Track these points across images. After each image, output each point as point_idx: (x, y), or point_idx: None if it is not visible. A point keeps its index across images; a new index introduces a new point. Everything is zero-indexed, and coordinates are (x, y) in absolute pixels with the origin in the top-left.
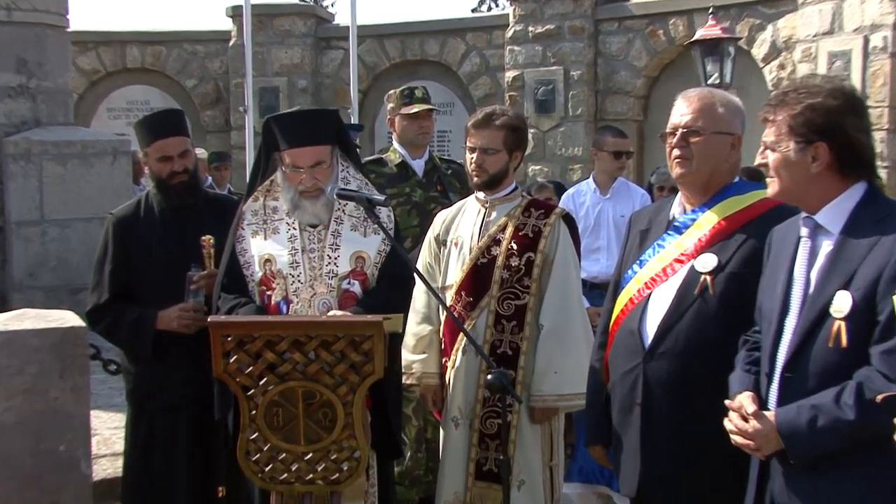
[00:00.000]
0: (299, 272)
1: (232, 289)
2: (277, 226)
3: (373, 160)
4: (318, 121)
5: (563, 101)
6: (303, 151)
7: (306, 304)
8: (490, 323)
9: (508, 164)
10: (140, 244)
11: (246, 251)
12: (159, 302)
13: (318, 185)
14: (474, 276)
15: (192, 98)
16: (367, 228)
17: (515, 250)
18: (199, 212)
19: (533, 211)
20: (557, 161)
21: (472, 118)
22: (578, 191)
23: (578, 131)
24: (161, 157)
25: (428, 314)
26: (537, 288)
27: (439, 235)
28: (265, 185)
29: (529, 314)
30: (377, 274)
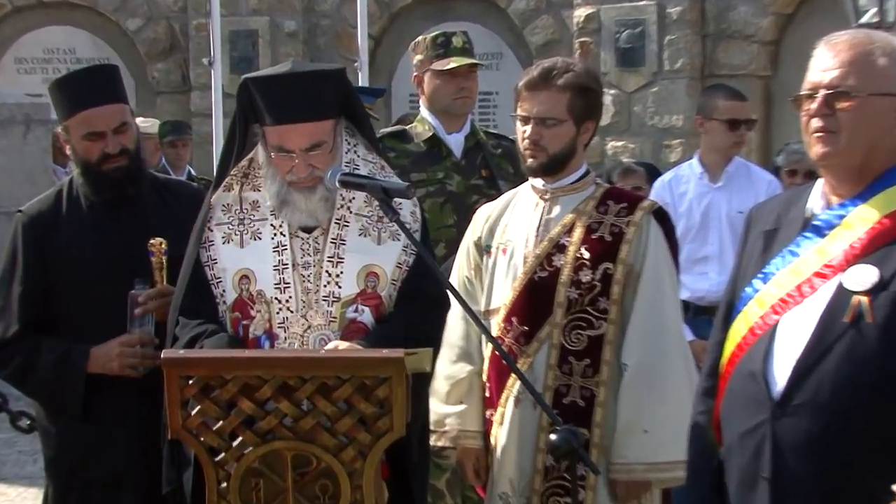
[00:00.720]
0: (288, 296)
1: (195, 311)
2: (259, 228)
3: (392, 133)
4: (317, 85)
5: (656, 51)
6: (294, 129)
7: (297, 340)
8: (553, 362)
9: (576, 140)
10: (62, 252)
11: (215, 262)
12: (91, 333)
13: (316, 174)
14: (530, 295)
15: (135, 46)
16: (383, 232)
17: (587, 260)
18: (144, 205)
19: (612, 205)
20: (648, 134)
21: (524, 76)
22: (678, 177)
23: (678, 93)
24: (88, 133)
25: (466, 349)
26: (619, 313)
27: (482, 239)
28: (241, 167)
29: (608, 349)
30: (396, 296)
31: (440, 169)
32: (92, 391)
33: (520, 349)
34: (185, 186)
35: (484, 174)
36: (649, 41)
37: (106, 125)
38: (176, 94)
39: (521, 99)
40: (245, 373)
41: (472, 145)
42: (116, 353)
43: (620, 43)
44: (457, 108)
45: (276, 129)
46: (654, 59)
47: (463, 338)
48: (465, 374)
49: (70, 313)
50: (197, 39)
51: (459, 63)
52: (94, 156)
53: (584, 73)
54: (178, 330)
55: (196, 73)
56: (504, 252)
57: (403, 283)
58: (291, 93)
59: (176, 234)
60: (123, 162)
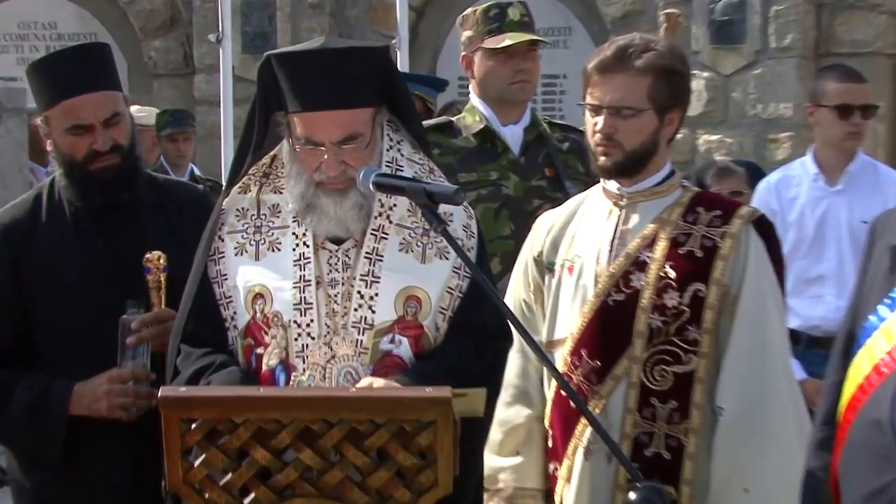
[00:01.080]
0: (309, 318)
1: (201, 339)
2: (277, 237)
3: (435, 126)
4: (355, 65)
5: (759, 24)
6: (325, 118)
7: (318, 372)
8: (632, 404)
9: (658, 134)
10: (40, 269)
11: (226, 277)
12: (75, 366)
13: (349, 174)
14: (603, 323)
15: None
16: (429, 248)
17: (673, 280)
18: (139, 212)
19: (702, 212)
20: (749, 126)
21: (595, 57)
22: (787, 178)
23: (786, 75)
24: (73, 125)
25: (524, 389)
26: (712, 344)
27: (543, 255)
28: (261, 166)
29: (699, 389)
30: (446, 328)
31: (494, 168)
32: (75, 437)
33: (590, 389)
34: (188, 189)
35: (547, 174)
36: (751, 12)
37: (94, 116)
38: (177, 78)
39: (591, 84)
40: (259, 415)
41: (533, 139)
42: (104, 390)
43: (716, 15)
44: (514, 95)
45: (302, 117)
46: (758, 35)
47: (520, 376)
48: (522, 419)
49: (49, 342)
50: (202, 11)
51: (516, 40)
52: (80, 153)
53: (668, 51)
54: (180, 361)
55: (201, 52)
56: (570, 270)
57: (456, 312)
58: (323, 73)
59: (177, 246)
60: (115, 160)
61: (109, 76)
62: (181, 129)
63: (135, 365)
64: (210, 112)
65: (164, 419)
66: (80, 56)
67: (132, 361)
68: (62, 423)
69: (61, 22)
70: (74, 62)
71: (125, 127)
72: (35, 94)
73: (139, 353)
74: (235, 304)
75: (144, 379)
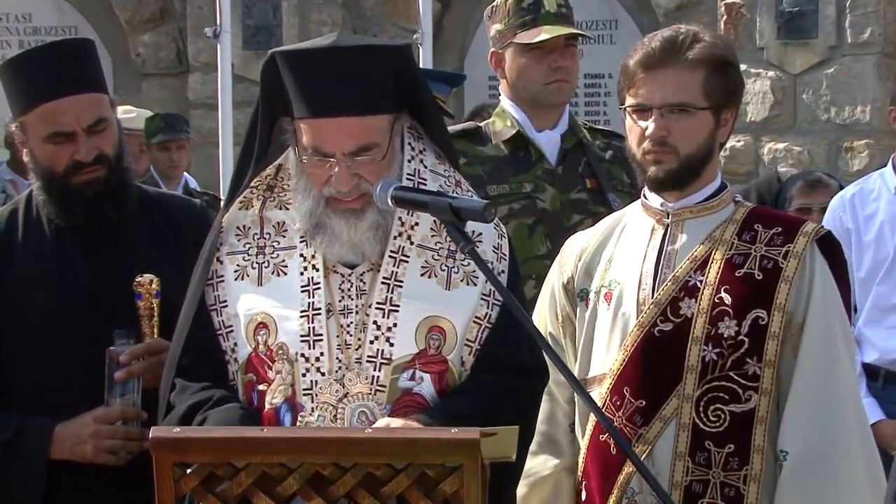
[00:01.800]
0: (319, 352)
1: (197, 373)
2: (283, 259)
3: (462, 132)
4: (371, 66)
5: (833, 16)
6: (336, 125)
7: (329, 412)
8: (683, 449)
9: (714, 136)
10: (15, 295)
11: (225, 304)
12: (56, 405)
13: (363, 188)
14: (649, 357)
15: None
16: (454, 273)
17: (729, 306)
18: (127, 230)
19: (760, 229)
20: (822, 133)
21: (636, 52)
22: (865, 192)
23: (865, 75)
24: (52, 133)
25: (552, 436)
26: (773, 379)
27: (574, 281)
28: (265, 177)
29: (759, 431)
30: (473, 362)
31: (528, 179)
32: (56, 484)
33: (634, 432)
34: (183, 204)
35: (588, 185)
36: (825, 3)
37: (77, 122)
38: (168, 78)
39: (634, 84)
40: (263, 459)
41: (572, 146)
42: (90, 431)
43: (784, 5)
44: (550, 97)
45: (310, 124)
46: (832, 29)
47: (547, 421)
48: (549, 470)
49: (27, 378)
50: (197, 2)
51: (553, 34)
52: (60, 164)
53: (721, 42)
54: (175, 397)
55: (196, 48)
56: (608, 298)
57: (484, 345)
58: (334, 75)
59: (171, 269)
60: (100, 172)
61: (93, 76)
62: (174, 136)
63: (124, 402)
64: (206, 116)
65: (156, 463)
66: (60, 53)
67: (121, 398)
68: (41, 468)
69: (36, 14)
70: (54, 60)
71: (111, 134)
72: (9, 96)
73: (129, 389)
74: (236, 334)
75: (135, 418)
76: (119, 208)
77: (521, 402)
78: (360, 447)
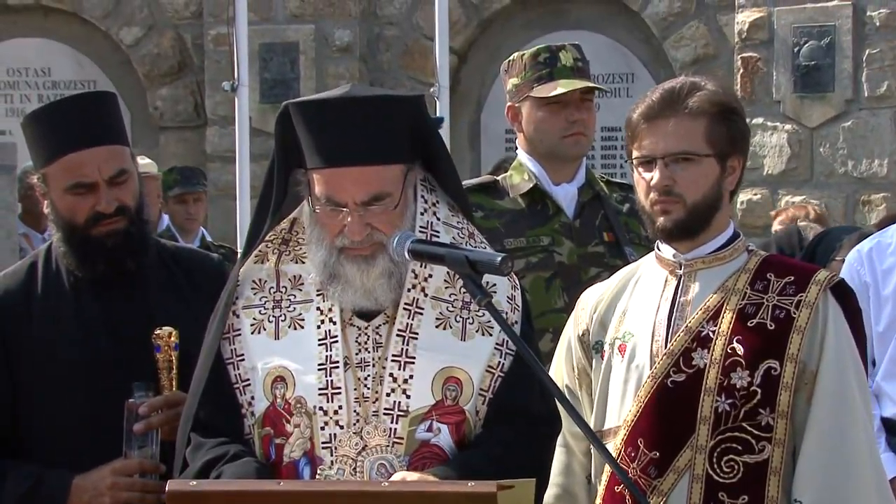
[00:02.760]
0: (337, 405)
1: (213, 427)
2: (300, 313)
3: (478, 186)
4: (384, 116)
5: (850, 70)
6: (349, 175)
7: (349, 465)
8: (697, 500)
9: (721, 184)
10: (34, 347)
11: (242, 358)
12: (74, 457)
13: (376, 238)
14: (662, 408)
15: (131, 64)
16: (469, 324)
17: (742, 357)
18: (146, 283)
19: (773, 279)
20: (839, 186)
21: (637, 106)
22: (882, 246)
23: (881, 128)
24: (74, 184)
25: (569, 488)
26: (787, 430)
27: (589, 334)
28: (279, 231)
29: (773, 482)
30: (487, 412)
31: (545, 233)
32: None
33: (649, 483)
34: (201, 258)
35: (606, 238)
36: (841, 56)
37: (98, 174)
38: (186, 131)
39: (637, 136)
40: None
41: (589, 200)
42: (108, 484)
43: (801, 59)
44: (567, 150)
45: (323, 174)
46: (848, 83)
47: (563, 473)
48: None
49: (44, 429)
50: (215, 56)
51: (570, 87)
52: (81, 215)
53: (721, 90)
54: (190, 452)
55: (213, 101)
56: (622, 350)
57: (496, 395)
58: (347, 124)
59: (190, 323)
60: (121, 224)
61: (115, 129)
62: (191, 189)
63: (142, 455)
64: (224, 169)
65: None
66: (82, 105)
67: (139, 451)
68: None
69: (56, 68)
70: (76, 112)
71: (132, 186)
72: (31, 148)
73: (147, 442)
74: (253, 387)
75: (153, 471)
76: (138, 260)
77: (535, 451)
78: (376, 501)
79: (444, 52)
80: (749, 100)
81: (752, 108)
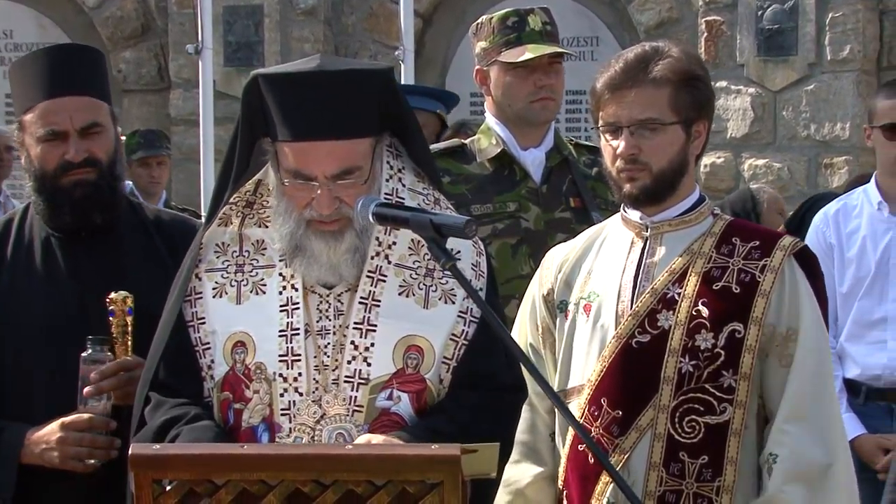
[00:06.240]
0: (297, 372)
1: (173, 389)
2: (262, 278)
3: (446, 150)
4: (355, 90)
5: (813, 34)
6: (319, 149)
7: (307, 433)
8: (657, 459)
9: (687, 150)
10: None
11: (203, 321)
12: (38, 411)
13: (343, 212)
14: (626, 368)
15: (94, 28)
16: (432, 291)
17: (706, 319)
18: (121, 243)
19: (738, 243)
20: (801, 149)
21: (600, 75)
22: (847, 208)
23: (844, 92)
24: (47, 132)
25: (533, 445)
26: (749, 392)
27: (554, 293)
28: (244, 193)
29: (734, 443)
30: (450, 380)
31: (513, 198)
32: (24, 490)
33: (611, 442)
34: (182, 222)
35: (573, 204)
36: (804, 20)
37: (70, 123)
38: (150, 94)
39: (602, 105)
40: (243, 476)
41: (557, 164)
42: (58, 438)
43: (764, 23)
44: (535, 115)
45: (293, 148)
46: (812, 46)
47: (528, 431)
48: (529, 479)
49: (15, 386)
50: (179, 19)
51: (538, 53)
52: (51, 164)
53: (685, 56)
54: (149, 412)
55: (177, 64)
56: (587, 310)
57: (461, 363)
58: (319, 98)
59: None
60: (90, 176)
61: (95, 82)
62: (154, 153)
63: (92, 410)
64: (187, 133)
65: (136, 480)
66: (65, 56)
67: (90, 406)
68: (12, 471)
69: (18, 30)
70: (58, 62)
71: (105, 141)
72: (14, 98)
73: (99, 398)
74: (213, 351)
75: (103, 427)
76: (107, 215)
77: (501, 418)
78: (340, 464)
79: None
80: (713, 63)
81: (716, 72)
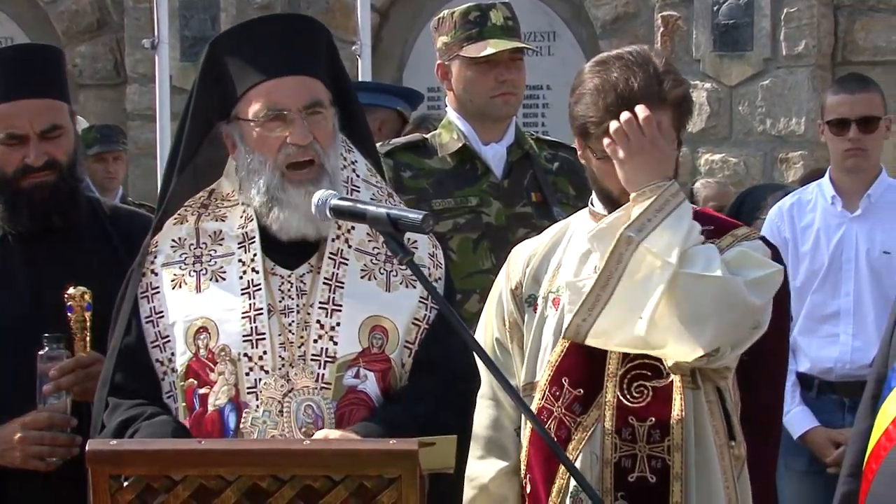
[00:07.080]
0: (262, 350)
1: (130, 390)
2: (221, 266)
3: (406, 145)
4: (310, 37)
5: (768, 29)
6: (290, 82)
7: (275, 407)
8: (609, 425)
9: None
10: None
11: (162, 315)
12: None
13: (315, 149)
14: (585, 347)
15: (49, 21)
16: (393, 276)
17: None
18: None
19: None
20: (757, 144)
21: (592, 103)
22: (802, 202)
23: (799, 87)
24: (7, 135)
25: (498, 441)
26: None
27: (522, 287)
28: (198, 198)
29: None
30: (411, 364)
31: (473, 193)
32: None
33: (573, 420)
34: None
35: (534, 199)
36: (760, 16)
37: (30, 126)
38: (106, 89)
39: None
40: (201, 471)
41: (518, 159)
42: (18, 437)
43: (720, 18)
44: (496, 110)
45: (264, 87)
46: (767, 42)
47: (492, 427)
48: (494, 473)
49: None
50: (135, 13)
51: (500, 48)
52: (10, 167)
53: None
54: (108, 415)
55: (134, 59)
56: (556, 304)
57: (421, 346)
58: (283, 38)
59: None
60: (50, 178)
61: (55, 83)
62: (110, 148)
63: (52, 409)
64: (144, 128)
65: (92, 476)
66: (23, 56)
67: (49, 405)
68: None
69: None
70: (17, 63)
71: (66, 143)
72: None
73: (58, 396)
74: (174, 343)
75: (63, 425)
76: (66, 217)
77: (457, 408)
78: (297, 459)
79: (365, 10)
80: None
81: None
